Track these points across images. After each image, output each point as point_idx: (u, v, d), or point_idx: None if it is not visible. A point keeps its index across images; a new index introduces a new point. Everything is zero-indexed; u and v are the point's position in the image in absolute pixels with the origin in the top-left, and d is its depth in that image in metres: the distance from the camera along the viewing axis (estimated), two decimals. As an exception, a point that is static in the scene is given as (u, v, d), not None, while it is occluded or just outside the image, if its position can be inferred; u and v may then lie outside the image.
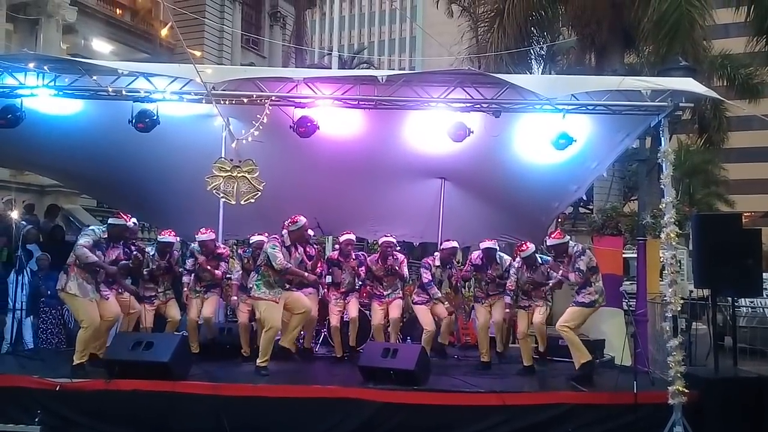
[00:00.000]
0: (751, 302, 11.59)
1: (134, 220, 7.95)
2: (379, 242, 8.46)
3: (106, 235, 7.02)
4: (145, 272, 7.73)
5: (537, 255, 7.67)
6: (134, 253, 7.60)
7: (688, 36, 12.17)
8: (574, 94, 6.64)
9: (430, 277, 7.96)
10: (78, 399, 6.27)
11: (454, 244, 8.18)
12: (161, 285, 7.85)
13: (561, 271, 7.19)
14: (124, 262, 7.42)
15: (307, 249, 7.97)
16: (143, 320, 7.69)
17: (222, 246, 8.32)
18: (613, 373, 7.03)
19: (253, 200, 7.55)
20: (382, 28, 74.97)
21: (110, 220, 7.29)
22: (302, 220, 7.19)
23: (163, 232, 7.98)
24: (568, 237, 7.39)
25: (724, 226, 7.21)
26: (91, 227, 7.23)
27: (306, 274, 7.39)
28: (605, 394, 6.47)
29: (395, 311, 8.16)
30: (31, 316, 8.66)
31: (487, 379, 7.19)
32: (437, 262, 8.09)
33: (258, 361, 6.94)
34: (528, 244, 7.69)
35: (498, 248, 8.12)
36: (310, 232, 8.00)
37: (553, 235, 7.47)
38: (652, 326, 7.84)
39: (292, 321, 7.22)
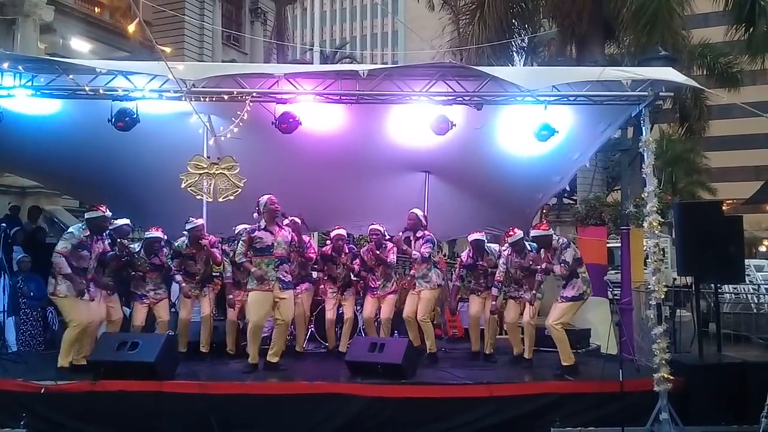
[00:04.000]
0: (734, 288, 11.71)
1: (127, 221, 7.85)
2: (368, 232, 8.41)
3: (87, 232, 6.90)
4: (133, 273, 7.60)
5: (525, 241, 7.65)
6: (119, 240, 7.41)
7: (668, 25, 12.27)
8: (555, 86, 6.67)
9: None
10: (63, 401, 6.21)
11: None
12: (150, 283, 7.67)
13: (544, 264, 7.18)
14: (111, 253, 7.26)
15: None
16: (134, 318, 7.58)
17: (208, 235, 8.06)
18: (599, 362, 7.08)
19: (232, 197, 7.50)
20: (363, 22, 74.84)
21: (86, 215, 7.10)
22: (264, 198, 7.02)
23: (150, 229, 7.82)
24: (551, 231, 7.37)
25: (706, 214, 7.30)
26: (70, 229, 7.06)
27: (253, 268, 6.93)
28: (592, 383, 6.52)
29: (386, 310, 8.04)
30: (14, 316, 8.55)
31: (474, 370, 7.21)
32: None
33: (249, 358, 6.94)
34: (516, 230, 7.63)
35: (486, 240, 8.11)
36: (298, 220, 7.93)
37: (538, 227, 7.45)
38: (637, 314, 7.90)
39: (274, 333, 7.12)
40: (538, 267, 7.27)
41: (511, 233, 7.58)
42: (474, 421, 6.21)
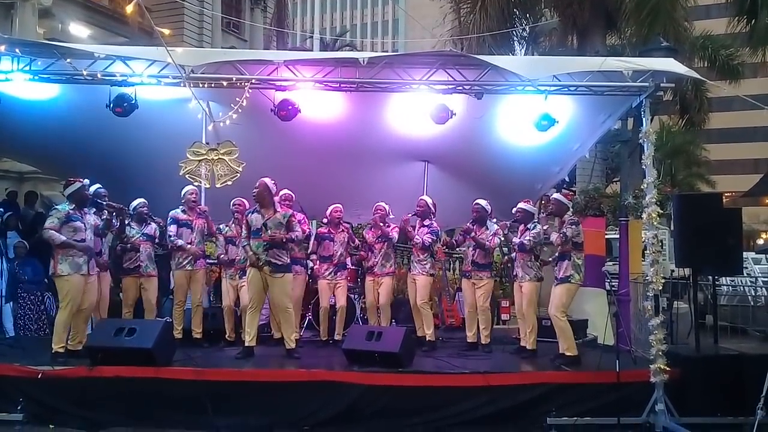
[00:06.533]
0: (732, 281, 11.70)
1: (97, 185, 7.56)
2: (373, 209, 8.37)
3: (73, 206, 6.79)
4: (126, 246, 7.60)
5: (531, 217, 7.67)
6: (104, 209, 7.28)
7: (670, 16, 12.20)
8: (556, 75, 6.65)
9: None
10: (61, 386, 6.23)
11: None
12: (144, 254, 7.61)
13: (546, 227, 7.27)
14: (102, 222, 7.17)
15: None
16: (126, 296, 7.60)
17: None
18: (596, 353, 7.09)
19: (230, 182, 7.48)
20: (364, 10, 74.45)
21: (66, 191, 6.93)
22: (260, 180, 7.02)
23: (132, 201, 7.75)
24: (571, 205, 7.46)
25: (705, 206, 7.28)
26: (55, 207, 6.96)
27: (250, 253, 6.96)
28: (588, 374, 6.54)
29: (384, 295, 8.05)
30: (11, 303, 8.55)
31: (471, 359, 7.22)
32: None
33: (246, 342, 6.98)
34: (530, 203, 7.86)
35: (489, 210, 8.05)
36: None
37: (563, 193, 7.50)
38: (635, 305, 7.91)
39: (280, 319, 7.13)
40: (540, 226, 7.40)
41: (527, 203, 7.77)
42: (470, 410, 6.23)
